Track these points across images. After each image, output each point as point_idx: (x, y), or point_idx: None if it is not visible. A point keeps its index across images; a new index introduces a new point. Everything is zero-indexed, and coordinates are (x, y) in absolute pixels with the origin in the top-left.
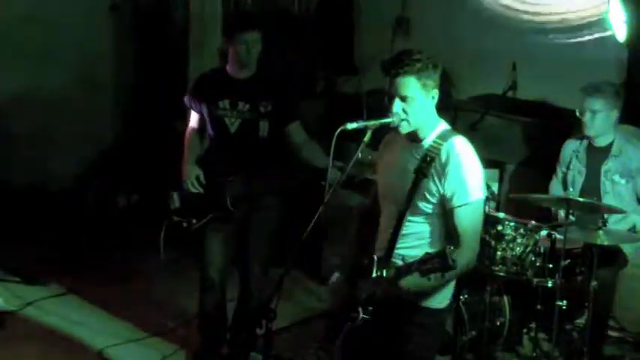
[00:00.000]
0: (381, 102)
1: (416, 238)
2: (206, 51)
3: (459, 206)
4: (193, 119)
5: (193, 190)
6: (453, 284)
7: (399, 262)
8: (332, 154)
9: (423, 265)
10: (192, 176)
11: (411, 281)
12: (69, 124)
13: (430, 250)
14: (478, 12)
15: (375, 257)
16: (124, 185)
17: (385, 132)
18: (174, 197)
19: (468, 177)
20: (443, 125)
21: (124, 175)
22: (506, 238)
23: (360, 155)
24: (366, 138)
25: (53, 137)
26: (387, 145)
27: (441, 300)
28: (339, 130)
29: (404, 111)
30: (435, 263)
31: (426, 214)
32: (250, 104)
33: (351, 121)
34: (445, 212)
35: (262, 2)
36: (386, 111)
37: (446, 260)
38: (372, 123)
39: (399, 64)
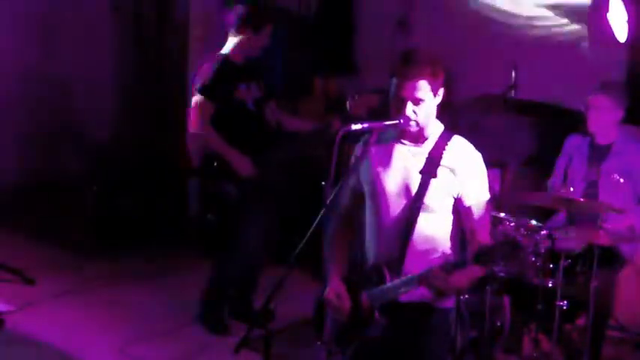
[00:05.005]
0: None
1: (427, 239)
2: (206, 51)
3: (477, 203)
4: (207, 112)
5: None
6: None
7: (416, 266)
8: (335, 156)
9: (484, 257)
10: (250, 163)
11: (460, 280)
12: (69, 124)
13: (443, 249)
14: (478, 12)
15: (381, 263)
16: (124, 185)
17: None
18: (231, 189)
19: (480, 175)
20: (440, 124)
21: (124, 175)
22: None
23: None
24: (371, 139)
25: (53, 136)
26: (375, 143)
27: (450, 299)
28: (342, 131)
29: (414, 113)
30: (497, 253)
31: (437, 213)
32: (257, 84)
33: (355, 122)
34: (457, 210)
35: (262, 2)
36: (390, 112)
37: (508, 246)
38: (377, 125)
39: (411, 67)
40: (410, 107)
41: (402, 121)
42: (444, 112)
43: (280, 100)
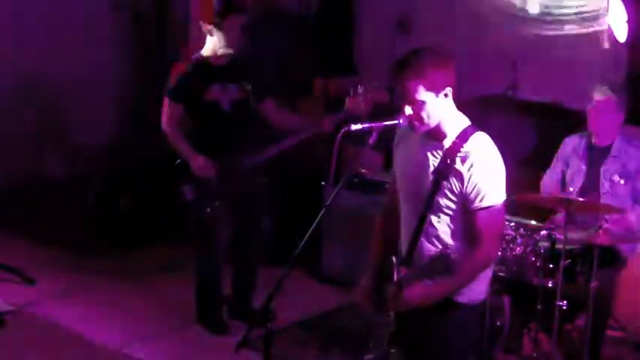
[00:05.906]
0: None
1: (438, 238)
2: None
3: (482, 208)
4: (174, 113)
5: (208, 175)
6: (487, 277)
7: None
8: (335, 156)
9: (428, 269)
10: (206, 163)
11: (416, 292)
12: (69, 124)
13: (451, 249)
14: (478, 12)
15: (394, 259)
16: (124, 185)
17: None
18: (187, 189)
19: (491, 179)
20: (465, 122)
21: (124, 175)
22: (507, 238)
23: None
24: (371, 140)
25: (54, 136)
26: (402, 139)
27: (477, 294)
28: (342, 131)
29: (415, 113)
30: (438, 266)
31: (449, 213)
32: (237, 84)
33: (355, 122)
34: (467, 212)
35: (262, 2)
36: (393, 111)
37: (447, 261)
38: (378, 125)
39: (401, 71)
40: (408, 108)
41: (401, 120)
42: None
43: (279, 100)
